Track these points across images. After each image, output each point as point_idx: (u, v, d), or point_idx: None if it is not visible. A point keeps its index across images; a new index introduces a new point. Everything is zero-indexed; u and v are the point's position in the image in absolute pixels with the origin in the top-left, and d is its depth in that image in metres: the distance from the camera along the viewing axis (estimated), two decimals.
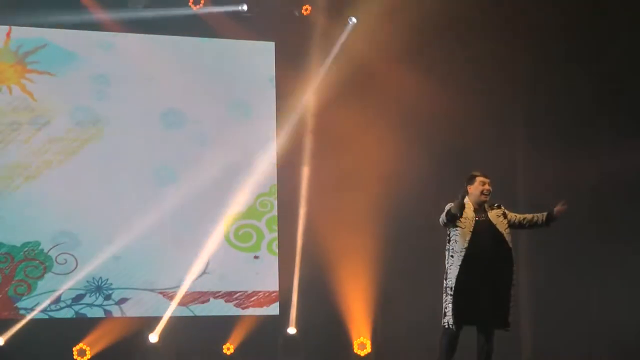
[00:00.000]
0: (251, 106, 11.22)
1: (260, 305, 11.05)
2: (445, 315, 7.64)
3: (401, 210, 11.07)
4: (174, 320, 10.79)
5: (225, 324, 10.90)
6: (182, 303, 10.86)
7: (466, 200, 7.72)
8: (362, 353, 11.16)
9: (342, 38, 11.16)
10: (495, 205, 7.81)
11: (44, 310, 10.46)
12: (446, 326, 7.61)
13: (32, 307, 10.44)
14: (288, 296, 11.02)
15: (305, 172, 11.15)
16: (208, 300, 10.94)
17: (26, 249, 10.47)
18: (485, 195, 7.71)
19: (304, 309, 11.01)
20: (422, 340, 10.78)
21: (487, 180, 7.75)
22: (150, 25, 10.80)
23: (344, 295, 11.10)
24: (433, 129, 11.15)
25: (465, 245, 7.56)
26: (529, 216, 7.84)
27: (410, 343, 10.96)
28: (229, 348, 10.90)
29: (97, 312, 10.61)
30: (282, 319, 11.05)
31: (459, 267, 7.56)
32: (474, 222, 7.62)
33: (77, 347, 10.49)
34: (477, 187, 7.71)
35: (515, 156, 11.59)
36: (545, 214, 7.80)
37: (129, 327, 10.61)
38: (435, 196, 11.06)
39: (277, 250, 11.14)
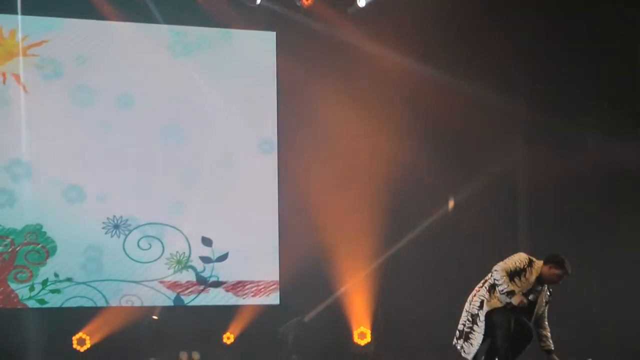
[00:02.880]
0: (252, 97, 11.18)
1: (261, 295, 11.06)
2: (472, 345, 7.71)
3: (402, 203, 11.08)
4: (174, 310, 10.81)
5: (225, 314, 10.91)
6: (182, 292, 10.87)
7: (534, 262, 7.70)
8: (362, 342, 11.18)
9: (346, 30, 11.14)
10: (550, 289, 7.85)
11: (44, 299, 10.45)
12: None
13: (33, 295, 10.43)
14: (288, 286, 11.02)
15: (307, 164, 11.13)
16: (208, 289, 10.95)
17: (28, 232, 10.46)
18: (552, 284, 7.76)
19: (305, 299, 11.01)
20: (421, 330, 10.83)
21: (564, 278, 7.73)
22: (151, 14, 10.77)
23: (345, 285, 11.12)
24: (436, 125, 11.16)
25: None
26: (546, 328, 7.87)
27: (409, 333, 10.98)
28: (229, 337, 10.91)
29: (97, 302, 10.61)
30: (282, 308, 11.05)
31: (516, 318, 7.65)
32: (530, 286, 7.65)
33: (77, 336, 10.49)
34: (555, 274, 7.66)
35: (516, 153, 11.57)
36: (549, 348, 7.84)
37: (129, 317, 10.61)
38: (436, 190, 11.17)
39: (278, 241, 11.12)
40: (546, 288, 7.80)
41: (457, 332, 7.84)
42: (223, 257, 10.99)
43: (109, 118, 10.73)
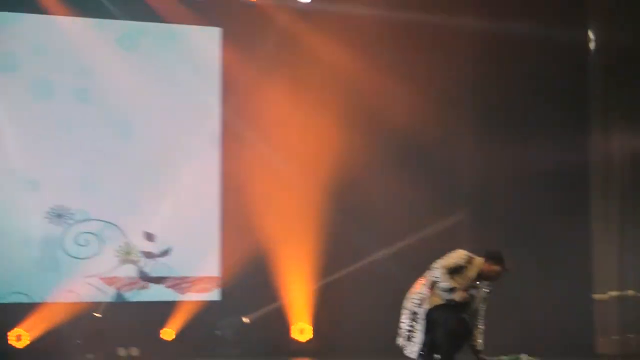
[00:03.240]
0: (195, 94, 11.13)
1: (202, 290, 11.04)
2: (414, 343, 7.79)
3: (349, 201, 11.15)
4: (114, 306, 10.72)
5: (165, 309, 10.85)
6: (122, 288, 10.79)
7: (474, 259, 7.82)
8: (303, 339, 11.22)
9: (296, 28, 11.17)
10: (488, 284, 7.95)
11: None
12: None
13: None
14: (230, 282, 11.01)
15: (251, 161, 11.13)
16: (148, 285, 10.89)
17: None
18: (491, 280, 7.88)
19: (246, 295, 11.01)
20: (364, 327, 10.90)
21: (504, 274, 7.87)
22: (96, 9, 10.68)
23: (285, 282, 11.15)
24: (386, 123, 11.23)
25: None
26: (477, 326, 7.95)
27: (352, 330, 11.05)
28: (168, 333, 10.86)
29: (33, 297, 10.46)
30: (223, 304, 11.04)
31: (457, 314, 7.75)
32: (471, 282, 7.77)
33: (13, 332, 10.33)
34: (495, 271, 7.81)
35: (464, 151, 11.70)
36: (477, 348, 7.93)
37: (69, 313, 10.49)
38: (384, 188, 11.26)
39: (220, 237, 11.10)
40: (485, 285, 7.94)
41: (399, 330, 7.93)
42: (165, 253, 10.95)
43: (61, 111, 10.66)
